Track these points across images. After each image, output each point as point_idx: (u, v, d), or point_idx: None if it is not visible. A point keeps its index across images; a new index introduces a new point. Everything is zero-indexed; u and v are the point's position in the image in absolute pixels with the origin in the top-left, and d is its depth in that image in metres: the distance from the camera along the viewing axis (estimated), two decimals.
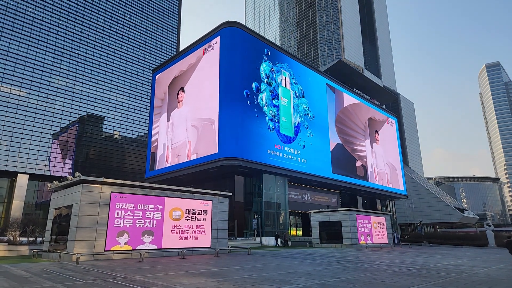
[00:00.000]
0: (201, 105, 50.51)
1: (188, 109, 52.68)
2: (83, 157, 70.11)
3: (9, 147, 59.40)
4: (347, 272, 15.66)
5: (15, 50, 62.88)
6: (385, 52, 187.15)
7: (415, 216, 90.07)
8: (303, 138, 55.09)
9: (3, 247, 25.21)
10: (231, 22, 51.06)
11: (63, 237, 20.99)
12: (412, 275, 14.85)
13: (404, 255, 28.47)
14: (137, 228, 21.89)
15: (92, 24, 75.78)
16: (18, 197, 59.23)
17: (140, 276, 13.09)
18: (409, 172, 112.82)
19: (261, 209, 48.08)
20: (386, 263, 20.67)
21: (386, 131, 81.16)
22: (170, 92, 57.92)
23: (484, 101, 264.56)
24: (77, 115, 69.76)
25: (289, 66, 56.34)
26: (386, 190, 74.83)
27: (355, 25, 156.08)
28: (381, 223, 47.17)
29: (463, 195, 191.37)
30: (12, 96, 61.26)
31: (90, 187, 20.62)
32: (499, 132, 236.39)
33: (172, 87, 57.83)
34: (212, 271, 15.56)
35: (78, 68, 71.27)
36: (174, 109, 55.66)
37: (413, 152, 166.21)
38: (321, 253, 28.68)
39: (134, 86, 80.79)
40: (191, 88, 53.67)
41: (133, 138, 78.76)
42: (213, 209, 26.60)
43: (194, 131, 50.55)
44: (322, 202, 62.37)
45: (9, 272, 14.39)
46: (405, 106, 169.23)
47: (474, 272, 16.76)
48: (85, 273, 14.20)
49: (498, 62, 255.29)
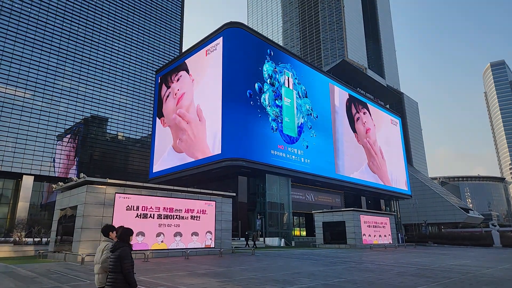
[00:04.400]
0: (204, 106, 50.58)
1: (191, 110, 52.75)
2: (87, 158, 70.37)
3: (15, 148, 59.73)
4: (352, 273, 15.65)
5: (19, 52, 63.24)
6: (389, 51, 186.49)
7: (419, 216, 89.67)
8: (306, 138, 55.03)
9: (9, 248, 25.41)
10: (233, 23, 51.13)
11: (68, 238, 21.11)
12: (417, 276, 14.80)
13: (409, 256, 28.38)
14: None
15: (96, 25, 76.09)
16: (24, 198, 59.55)
17: (144, 277, 13.15)
18: (413, 172, 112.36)
19: (265, 209, 48.06)
20: (391, 264, 20.61)
21: (390, 131, 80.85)
22: (173, 92, 58.03)
23: (489, 100, 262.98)
24: (81, 116, 70.06)
25: (292, 66, 56.30)
26: (390, 190, 74.53)
27: (358, 24, 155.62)
28: (385, 223, 47.04)
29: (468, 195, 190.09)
30: (17, 98, 61.61)
31: (95, 188, 20.74)
32: (504, 131, 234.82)
33: (175, 88, 57.94)
34: (216, 271, 15.60)
35: (82, 70, 71.57)
36: (177, 110, 55.76)
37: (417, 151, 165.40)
38: (325, 254, 28.65)
39: (138, 87, 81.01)
40: (194, 89, 53.76)
41: (136, 139, 78.98)
42: (217, 209, 26.65)
43: (197, 131, 50.62)
44: (325, 203, 62.24)
45: (15, 273, 14.50)
46: (409, 105, 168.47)
47: (480, 272, 16.68)
48: (90, 273, 14.28)
49: (503, 61, 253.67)
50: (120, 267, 5.47)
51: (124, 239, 5.70)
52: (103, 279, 5.86)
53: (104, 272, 5.88)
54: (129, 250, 5.64)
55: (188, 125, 52.82)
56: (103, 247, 6.00)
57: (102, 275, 5.92)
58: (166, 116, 58.42)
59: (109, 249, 5.77)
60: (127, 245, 5.68)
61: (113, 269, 5.50)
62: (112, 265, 5.52)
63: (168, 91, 59.33)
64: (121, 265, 5.46)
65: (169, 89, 59.24)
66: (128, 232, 5.79)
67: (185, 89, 55.73)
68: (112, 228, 6.28)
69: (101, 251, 5.97)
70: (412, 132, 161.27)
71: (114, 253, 5.59)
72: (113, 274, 5.49)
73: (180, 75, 57.66)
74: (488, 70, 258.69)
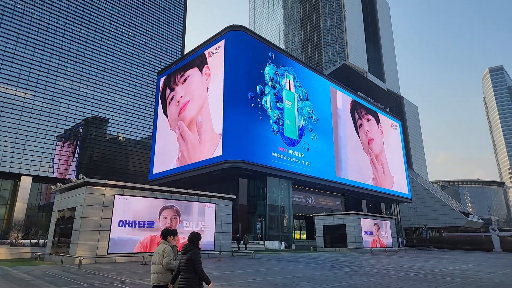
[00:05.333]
0: (206, 108, 50.47)
1: (193, 112, 52.65)
2: (87, 159, 70.25)
3: (13, 148, 59.57)
4: (352, 277, 15.48)
5: (21, 53, 63.25)
6: (389, 56, 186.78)
7: (420, 220, 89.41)
8: (307, 141, 54.92)
9: (5, 250, 25.19)
10: (235, 26, 51.15)
11: (66, 240, 20.92)
12: (417, 280, 14.65)
13: (409, 260, 28.20)
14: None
15: (98, 26, 76.16)
16: (21, 199, 59.31)
17: (143, 280, 12.98)
18: (414, 175, 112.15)
19: (265, 212, 47.87)
20: (391, 268, 20.44)
21: (390, 135, 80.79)
22: (175, 94, 57.91)
23: (487, 104, 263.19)
24: (82, 117, 69.97)
25: (293, 69, 56.29)
26: (390, 194, 74.38)
27: (359, 28, 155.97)
28: (386, 227, 46.85)
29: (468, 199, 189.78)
30: (17, 98, 61.54)
31: (94, 189, 20.58)
32: (503, 136, 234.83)
33: (177, 89, 57.83)
34: (216, 275, 15.41)
35: (83, 70, 71.56)
36: (178, 111, 55.62)
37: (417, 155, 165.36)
38: (326, 257, 28.47)
39: (139, 88, 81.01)
40: (195, 91, 53.66)
41: (137, 140, 78.88)
42: (217, 212, 26.48)
43: (198, 133, 50.48)
44: (326, 206, 62.03)
45: (11, 275, 14.33)
46: (409, 109, 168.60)
47: (480, 277, 16.54)
48: (88, 276, 14.12)
49: (502, 66, 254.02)
50: (192, 267, 6.14)
51: (194, 242, 6.39)
52: (163, 278, 6.63)
53: (165, 272, 6.64)
54: (199, 252, 6.33)
55: (188, 138, 52.47)
56: (162, 249, 6.76)
57: (162, 274, 6.65)
58: (170, 120, 57.85)
59: (180, 251, 6.54)
60: (196, 248, 6.34)
61: (186, 269, 6.18)
62: (185, 265, 6.21)
63: (172, 94, 58.85)
64: (193, 266, 6.13)
65: (173, 91, 58.76)
66: (198, 237, 6.51)
67: (189, 96, 54.92)
68: (171, 233, 7.07)
69: (161, 253, 6.72)
70: (412, 136, 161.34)
71: (185, 255, 6.27)
72: (186, 273, 6.17)
73: (186, 76, 57.14)
74: (487, 75, 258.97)
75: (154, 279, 6.72)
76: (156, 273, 6.71)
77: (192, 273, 6.15)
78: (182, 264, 6.25)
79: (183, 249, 6.38)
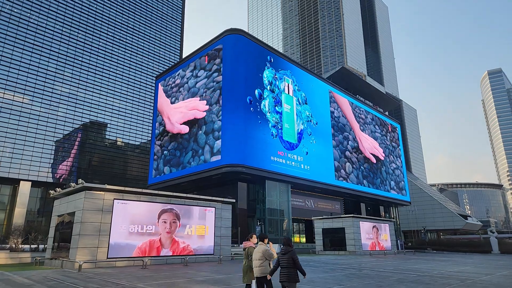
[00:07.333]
0: (204, 112, 50.55)
1: (191, 116, 52.73)
2: (86, 164, 70.20)
3: (12, 154, 59.52)
4: (351, 280, 15.55)
5: (18, 57, 63.28)
6: (388, 59, 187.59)
7: (418, 222, 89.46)
8: (306, 144, 55.01)
9: (5, 255, 25.20)
10: (234, 30, 51.32)
11: (65, 244, 20.95)
12: (416, 282, 14.73)
13: (408, 262, 28.28)
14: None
15: (96, 31, 76.31)
16: (21, 204, 59.19)
17: (143, 284, 13.04)
18: (412, 178, 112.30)
19: (264, 216, 47.88)
20: (390, 270, 20.52)
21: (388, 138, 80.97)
22: (173, 98, 58.04)
23: (486, 107, 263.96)
24: (80, 122, 69.97)
25: (292, 73, 56.46)
26: (389, 197, 74.45)
27: (357, 32, 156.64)
28: (385, 229, 46.92)
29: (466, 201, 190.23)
30: (15, 103, 61.53)
31: (93, 194, 20.63)
32: (502, 139, 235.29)
33: (175, 93, 57.97)
34: (215, 278, 15.48)
35: (81, 75, 71.62)
36: (176, 115, 55.73)
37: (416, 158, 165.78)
38: (325, 260, 28.51)
39: (137, 93, 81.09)
40: (194, 95, 53.78)
41: (136, 144, 78.87)
42: (216, 216, 26.53)
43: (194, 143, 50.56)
44: (325, 209, 62.06)
45: (11, 280, 14.36)
46: (408, 112, 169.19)
47: (478, 279, 16.64)
48: (88, 280, 14.16)
49: (500, 69, 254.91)
50: (292, 264, 7.90)
51: (290, 244, 8.22)
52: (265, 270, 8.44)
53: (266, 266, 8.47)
54: (295, 251, 8.11)
55: (185, 138, 52.76)
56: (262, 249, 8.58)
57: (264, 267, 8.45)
58: (165, 121, 58.22)
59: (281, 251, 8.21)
60: (292, 248, 8.16)
61: (287, 265, 7.92)
62: (286, 263, 7.94)
63: (168, 99, 59.22)
64: (294, 262, 7.89)
65: (170, 96, 59.16)
66: (290, 240, 8.43)
67: (182, 98, 55.49)
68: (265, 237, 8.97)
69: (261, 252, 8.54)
70: (410, 139, 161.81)
71: (285, 255, 8.01)
72: (287, 269, 7.92)
73: (180, 81, 57.64)
74: (486, 78, 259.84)
75: (258, 272, 8.47)
76: (258, 267, 8.46)
77: (292, 268, 7.89)
78: (284, 262, 7.96)
79: (282, 251, 8.09)
